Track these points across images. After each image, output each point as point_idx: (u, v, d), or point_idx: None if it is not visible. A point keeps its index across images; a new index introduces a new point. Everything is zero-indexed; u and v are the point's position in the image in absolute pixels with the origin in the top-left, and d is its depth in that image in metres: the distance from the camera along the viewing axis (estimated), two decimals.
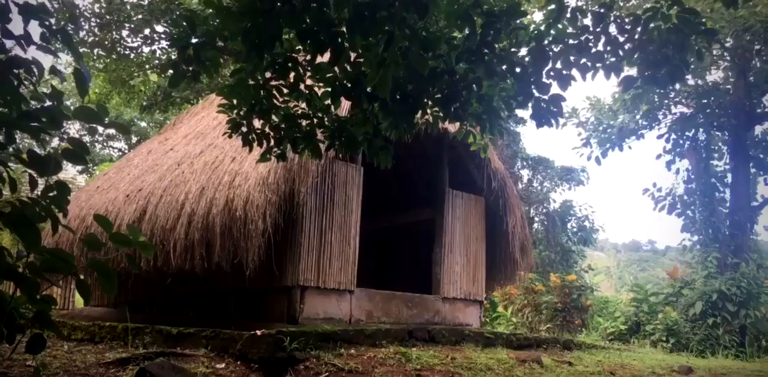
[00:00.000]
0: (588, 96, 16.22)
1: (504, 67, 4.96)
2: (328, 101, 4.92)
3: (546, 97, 4.90)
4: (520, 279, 11.16)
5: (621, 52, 5.07)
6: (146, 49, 15.23)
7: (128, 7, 14.12)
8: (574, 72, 5.02)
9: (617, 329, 14.17)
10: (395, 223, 10.95)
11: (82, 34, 14.94)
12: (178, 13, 12.36)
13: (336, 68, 4.75)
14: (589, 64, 5.02)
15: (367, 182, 8.78)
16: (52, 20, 3.66)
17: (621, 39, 5.06)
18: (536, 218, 20.79)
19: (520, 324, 17.36)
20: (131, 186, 9.30)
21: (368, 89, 4.90)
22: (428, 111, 5.39)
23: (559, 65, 4.97)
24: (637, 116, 15.26)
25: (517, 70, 4.92)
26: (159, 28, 14.83)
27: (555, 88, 4.98)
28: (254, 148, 5.33)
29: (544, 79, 4.92)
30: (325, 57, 4.71)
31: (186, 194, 7.97)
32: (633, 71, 5.62)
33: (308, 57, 4.74)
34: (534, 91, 4.93)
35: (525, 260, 10.20)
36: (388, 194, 11.32)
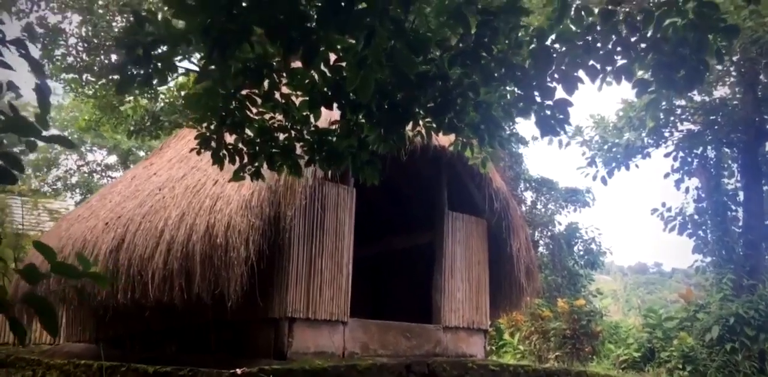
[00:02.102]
0: (591, 114, 15.72)
1: (503, 70, 4.45)
2: (307, 112, 4.40)
3: (551, 102, 4.38)
4: (526, 305, 10.52)
5: (632, 53, 4.56)
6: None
7: (116, 30, 13.75)
8: (582, 75, 4.51)
9: (630, 356, 13.45)
10: (391, 248, 10.36)
11: (69, 59, 14.58)
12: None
13: (314, 74, 4.24)
14: (597, 66, 4.50)
15: (360, 204, 8.23)
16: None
17: (632, 38, 4.55)
18: (541, 242, 20.16)
19: (527, 353, 16.63)
20: (111, 214, 8.76)
21: (351, 97, 4.39)
22: (420, 122, 4.86)
23: (563, 68, 4.46)
24: (643, 134, 14.75)
25: (518, 73, 4.40)
26: None
27: (560, 93, 4.47)
28: (229, 166, 4.81)
29: (548, 83, 4.41)
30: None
31: (165, 221, 7.42)
32: (640, 74, 5.13)
33: (284, 62, 4.24)
34: (537, 96, 4.41)
35: (531, 285, 9.58)
36: (383, 217, 10.75)
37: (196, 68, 4.70)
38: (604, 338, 15.85)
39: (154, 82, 3.57)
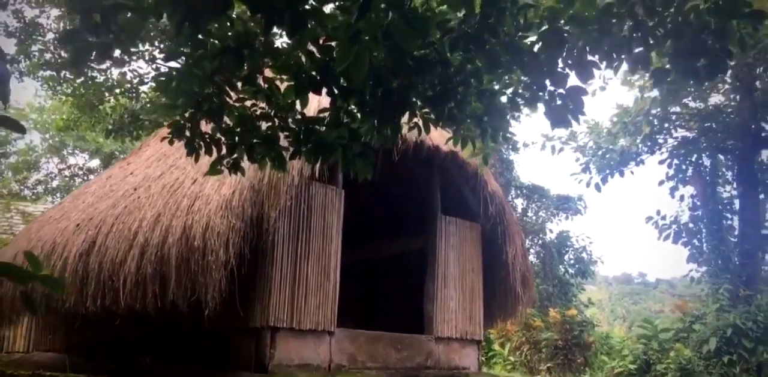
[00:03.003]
0: (586, 119, 15.38)
1: (509, 55, 4.02)
2: (293, 98, 3.95)
3: (562, 91, 3.96)
4: (521, 315, 10.07)
5: (650, 39, 4.15)
6: (115, 71, 14.33)
7: None
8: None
9: (626, 368, 13.03)
10: (381, 253, 9.89)
11: (47, 56, 14.05)
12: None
13: (301, 55, 3.80)
14: (614, 55, 4.09)
15: (349, 207, 7.78)
16: None
17: (650, 23, 4.15)
18: (532, 250, 19.77)
19: (518, 364, 16.20)
20: (83, 215, 8.24)
21: (342, 82, 3.95)
22: (417, 112, 4.43)
23: (576, 53, 4.04)
24: (638, 140, 14.41)
25: (526, 59, 3.98)
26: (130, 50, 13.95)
27: (572, 81, 4.06)
28: (206, 159, 4.36)
29: (559, 70, 3.99)
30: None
31: (139, 222, 6.92)
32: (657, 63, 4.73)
33: (267, 41, 3.80)
34: (548, 83, 3.99)
35: (527, 294, 9.16)
36: (374, 221, 10.30)
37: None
38: (596, 349, 15.46)
39: (116, 53, 3.10)
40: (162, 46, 12.57)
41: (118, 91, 14.63)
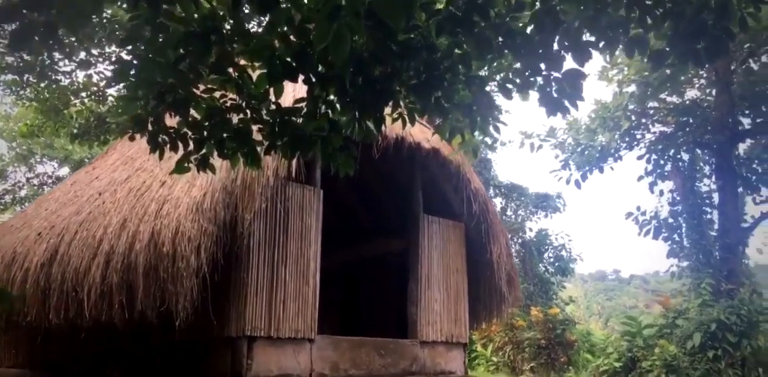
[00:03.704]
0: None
1: (500, 38, 3.73)
2: (266, 87, 3.61)
3: (558, 75, 3.68)
4: (507, 315, 9.80)
5: (648, 20, 3.89)
6: (81, 74, 13.76)
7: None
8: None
9: (611, 366, 12.83)
10: (362, 256, 9.55)
11: (9, 59, 13.44)
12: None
13: (275, 40, 3.46)
14: (610, 35, 3.81)
15: (328, 208, 7.43)
16: None
17: (648, 1, 3.89)
18: (512, 249, 19.56)
19: (501, 364, 15.94)
20: (45, 223, 7.77)
21: (320, 69, 3.62)
22: (400, 102, 4.11)
23: (571, 34, 3.76)
24: (616, 136, 14.28)
25: (519, 41, 3.69)
26: (95, 52, 13.42)
27: (568, 65, 3.78)
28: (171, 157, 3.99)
29: (554, 52, 3.71)
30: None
31: (104, 229, 6.50)
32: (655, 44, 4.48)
33: (236, 23, 3.46)
34: (542, 67, 3.70)
35: (512, 294, 8.88)
36: (354, 223, 9.97)
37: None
38: (579, 347, 15.29)
39: (60, 32, 2.73)
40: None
41: (84, 94, 14.07)
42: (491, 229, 8.72)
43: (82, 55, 13.43)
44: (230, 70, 3.62)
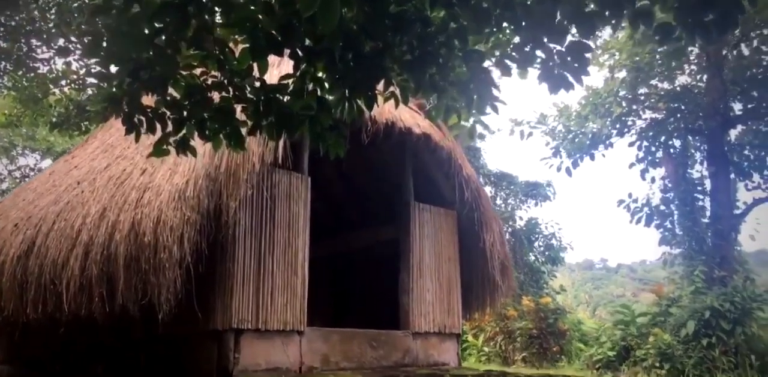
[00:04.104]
0: (555, 102, 15.05)
1: (499, 10, 3.49)
2: (250, 62, 3.35)
3: (561, 48, 3.44)
4: (500, 305, 9.62)
5: None
6: (60, 62, 13.40)
7: (36, 12, 12.31)
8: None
9: (604, 355, 12.72)
10: (352, 246, 9.32)
11: None
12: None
13: (258, 12, 3.21)
14: (615, 4, 3.57)
15: (316, 198, 7.20)
16: None
17: None
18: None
19: (492, 354, 15.80)
20: (22, 213, 7.47)
21: (307, 42, 3.37)
22: (393, 81, 3.86)
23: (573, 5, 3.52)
24: (608, 122, 14.11)
25: (519, 13, 3.45)
26: (74, 39, 13.04)
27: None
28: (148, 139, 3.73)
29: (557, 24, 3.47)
30: None
31: (83, 219, 6.23)
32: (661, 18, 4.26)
33: None
34: (545, 40, 3.47)
35: (506, 283, 8.69)
36: (342, 212, 9.73)
37: None
38: (571, 336, 15.18)
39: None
40: None
41: (63, 83, 13.70)
42: (484, 217, 8.51)
43: (61, 42, 13.08)
44: (210, 44, 3.35)
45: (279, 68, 6.03)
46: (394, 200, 8.43)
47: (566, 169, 14.47)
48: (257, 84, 3.42)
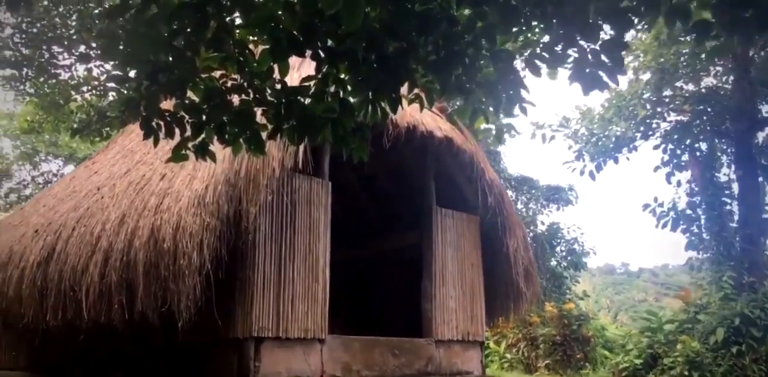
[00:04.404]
0: (577, 105, 14.83)
1: (528, 8, 3.36)
2: (271, 63, 3.25)
3: (595, 46, 3.30)
4: (524, 312, 9.42)
5: None
6: (81, 68, 13.46)
7: (57, 18, 12.37)
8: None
9: (631, 363, 12.43)
10: (372, 252, 9.19)
11: (8, 53, 13.13)
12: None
13: (280, 12, 3.10)
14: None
15: (335, 202, 7.07)
16: None
17: None
18: None
19: (515, 361, 15.57)
20: (42, 219, 7.45)
21: (330, 43, 3.25)
22: (417, 82, 3.73)
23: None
24: (632, 125, 13.85)
25: (549, 10, 3.31)
26: (95, 45, 13.09)
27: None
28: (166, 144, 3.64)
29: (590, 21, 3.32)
30: None
31: (103, 225, 6.16)
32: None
33: None
34: (577, 38, 3.32)
35: (530, 289, 8.51)
36: (362, 217, 9.61)
37: None
38: (595, 343, 14.90)
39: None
40: None
41: (85, 89, 13.76)
42: (507, 221, 8.35)
43: (82, 48, 13.13)
44: (230, 45, 3.26)
45: (299, 71, 5.93)
46: (415, 205, 8.29)
47: (590, 172, 14.22)
48: (278, 86, 3.31)
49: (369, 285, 9.80)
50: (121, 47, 3.16)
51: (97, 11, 11.90)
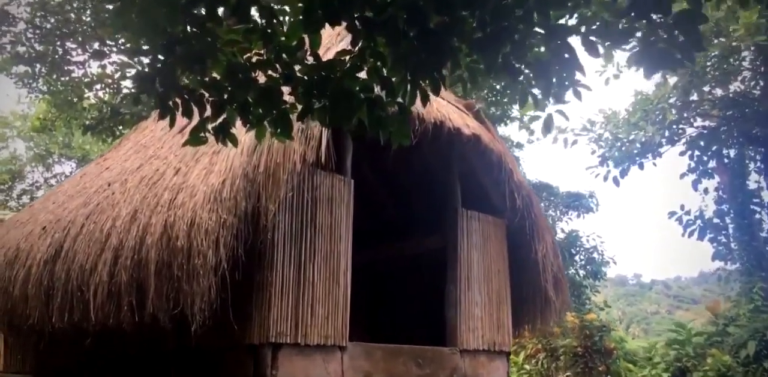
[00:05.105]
0: (601, 109, 14.40)
1: None
2: (301, 34, 2.90)
3: (668, 18, 2.92)
4: (553, 321, 8.97)
5: None
6: (94, 65, 13.24)
7: (72, 14, 12.15)
8: None
9: None
10: (395, 254, 8.79)
11: (22, 49, 12.92)
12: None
13: None
14: None
15: (355, 202, 6.71)
16: None
17: None
18: None
19: (534, 373, 15.13)
20: (51, 216, 7.14)
21: (366, 12, 2.91)
22: (461, 62, 3.37)
23: None
24: (659, 130, 13.42)
25: None
26: (109, 42, 12.85)
27: None
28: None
29: None
30: None
31: (113, 221, 5.84)
32: None
33: None
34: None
35: (560, 298, 8.07)
36: (382, 217, 9.22)
37: None
38: (618, 355, 14.42)
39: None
40: None
41: (98, 86, 13.52)
42: (536, 226, 7.94)
43: (96, 45, 12.91)
44: (255, 16, 2.91)
45: (328, 51, 5.60)
46: (438, 206, 7.91)
47: (613, 178, 13.79)
48: (310, 59, 2.95)
49: (387, 289, 9.40)
50: (134, 16, 2.82)
51: (111, 6, 11.67)
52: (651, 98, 13.06)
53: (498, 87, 11.84)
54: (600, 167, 13.91)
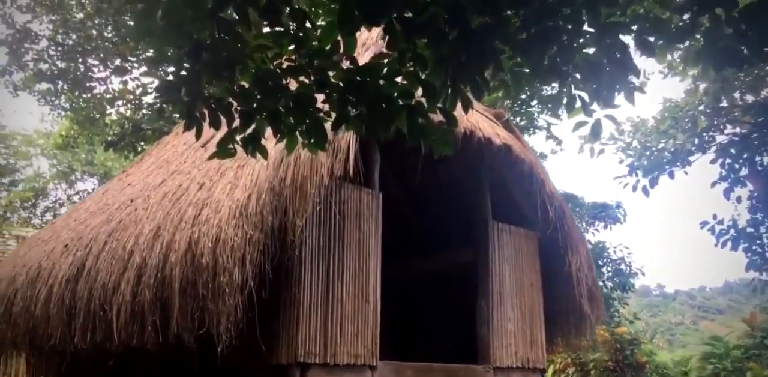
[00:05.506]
0: (629, 117, 14.08)
1: None
2: (336, 36, 2.70)
3: (734, 12, 2.69)
4: (588, 336, 8.64)
5: None
6: (116, 81, 13.24)
7: (93, 31, 12.14)
8: None
9: None
10: (424, 268, 8.54)
11: (44, 66, 12.95)
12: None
13: None
14: None
15: (383, 215, 6.49)
16: None
17: None
18: None
19: None
20: (73, 233, 7.01)
21: (405, 12, 2.71)
22: (503, 65, 3.15)
23: None
24: (690, 137, 13.06)
25: None
26: (131, 58, 12.84)
27: None
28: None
29: None
30: None
31: (136, 238, 5.68)
32: None
33: None
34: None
35: (594, 312, 7.78)
36: (410, 231, 8.99)
37: None
38: (650, 369, 13.99)
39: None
40: None
41: (120, 102, 13.50)
42: (569, 238, 7.68)
43: (117, 61, 12.90)
44: (286, 17, 2.73)
45: (369, 44, 5.43)
46: (467, 220, 7.67)
47: (643, 188, 13.40)
48: (347, 64, 2.75)
49: (416, 304, 9.14)
50: (158, 19, 2.65)
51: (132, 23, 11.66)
52: (680, 104, 12.72)
53: (523, 97, 11.65)
54: (629, 176, 13.52)
